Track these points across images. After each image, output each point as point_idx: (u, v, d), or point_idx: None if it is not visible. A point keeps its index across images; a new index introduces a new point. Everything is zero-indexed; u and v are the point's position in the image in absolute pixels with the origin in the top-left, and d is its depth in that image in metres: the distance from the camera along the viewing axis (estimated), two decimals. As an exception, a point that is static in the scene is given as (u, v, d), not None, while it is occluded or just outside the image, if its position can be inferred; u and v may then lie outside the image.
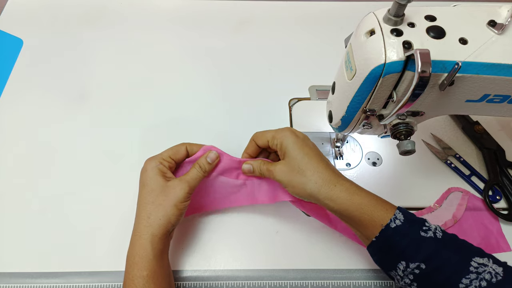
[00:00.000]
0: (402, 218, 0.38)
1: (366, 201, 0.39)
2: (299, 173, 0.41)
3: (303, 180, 0.41)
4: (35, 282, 0.46)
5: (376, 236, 0.38)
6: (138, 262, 0.39)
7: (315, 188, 0.40)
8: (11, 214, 0.51)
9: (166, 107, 0.62)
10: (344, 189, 0.40)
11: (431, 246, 0.36)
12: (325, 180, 0.40)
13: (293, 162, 0.42)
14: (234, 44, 0.70)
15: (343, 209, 0.40)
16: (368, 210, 0.39)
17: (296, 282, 0.47)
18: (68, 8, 0.74)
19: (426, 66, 0.32)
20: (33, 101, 0.62)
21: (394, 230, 0.38)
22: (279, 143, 0.43)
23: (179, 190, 0.42)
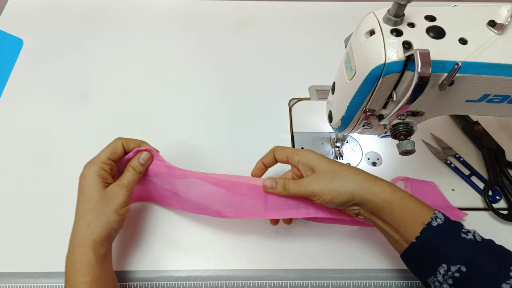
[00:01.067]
0: (442, 217, 0.38)
1: (408, 196, 0.39)
2: (334, 176, 0.40)
3: (341, 181, 0.40)
4: (35, 282, 0.46)
5: (417, 236, 0.37)
6: (80, 269, 0.39)
7: (356, 185, 0.39)
8: (11, 214, 0.51)
9: (166, 107, 0.62)
10: (386, 183, 0.40)
11: (472, 248, 0.36)
12: (365, 177, 0.40)
13: (325, 170, 0.41)
14: (234, 44, 0.70)
15: (388, 202, 0.38)
16: (411, 206, 0.38)
17: (296, 282, 0.47)
18: (68, 8, 0.74)
19: (426, 66, 0.33)
20: (33, 101, 0.62)
21: (436, 229, 0.37)
22: (302, 159, 0.43)
23: (118, 196, 0.42)
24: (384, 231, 0.41)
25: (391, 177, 0.55)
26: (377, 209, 0.39)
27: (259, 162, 0.47)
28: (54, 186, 0.53)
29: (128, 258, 0.48)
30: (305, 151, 0.43)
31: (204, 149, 0.57)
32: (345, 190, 0.39)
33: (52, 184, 0.54)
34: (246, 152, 0.57)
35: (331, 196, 0.40)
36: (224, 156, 0.57)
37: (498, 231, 0.51)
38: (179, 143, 0.57)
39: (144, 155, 0.44)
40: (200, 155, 0.57)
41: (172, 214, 0.51)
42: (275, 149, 0.46)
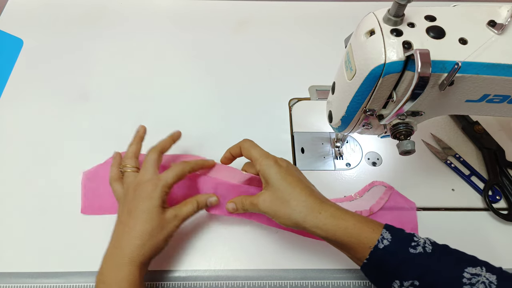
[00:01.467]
0: (389, 237, 0.38)
1: (351, 224, 0.39)
2: (283, 204, 0.41)
3: (288, 211, 0.40)
4: (35, 282, 0.46)
5: (366, 258, 0.38)
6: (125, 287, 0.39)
7: (300, 218, 0.40)
8: (11, 214, 0.51)
9: (166, 107, 0.62)
10: (329, 215, 0.40)
11: (422, 262, 0.36)
12: (310, 209, 0.40)
13: (277, 192, 0.41)
14: (234, 44, 0.70)
15: (331, 235, 0.39)
16: (355, 233, 0.39)
17: (296, 282, 0.47)
18: (68, 8, 0.74)
19: (426, 66, 0.33)
20: (33, 101, 0.62)
21: (383, 250, 0.37)
22: (261, 171, 0.43)
23: (172, 225, 0.43)
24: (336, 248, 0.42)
25: (391, 178, 0.55)
26: (322, 238, 0.40)
27: (227, 152, 0.48)
28: (54, 186, 0.53)
29: (128, 258, 0.48)
30: (267, 161, 0.43)
31: (204, 149, 0.57)
32: (290, 221, 0.41)
33: (52, 184, 0.54)
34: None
35: (278, 220, 0.42)
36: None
37: (498, 231, 0.51)
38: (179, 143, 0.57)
39: (213, 199, 0.46)
40: (199, 155, 0.57)
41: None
42: (242, 145, 0.46)
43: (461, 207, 0.53)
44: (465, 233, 0.51)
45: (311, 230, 0.40)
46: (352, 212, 0.41)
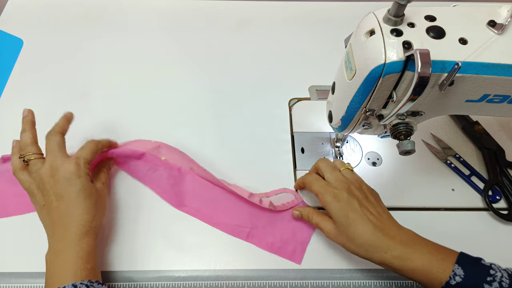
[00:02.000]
0: (462, 273, 0.36)
1: (420, 264, 0.38)
2: (348, 240, 0.42)
3: (354, 247, 0.41)
4: (35, 282, 0.46)
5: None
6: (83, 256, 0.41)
7: (366, 255, 0.41)
8: (11, 214, 0.51)
9: (166, 107, 0.62)
10: (396, 255, 0.39)
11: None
12: (375, 248, 0.40)
13: (341, 228, 0.42)
14: (234, 44, 0.70)
15: (398, 272, 0.39)
16: (424, 274, 0.38)
17: (296, 282, 0.47)
18: (68, 8, 0.74)
19: (426, 66, 0.33)
20: (33, 101, 0.62)
21: (455, 287, 0.36)
22: (324, 206, 0.44)
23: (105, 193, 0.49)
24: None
25: (391, 178, 0.55)
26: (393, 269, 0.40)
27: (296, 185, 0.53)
28: (54, 186, 0.53)
29: (128, 258, 0.48)
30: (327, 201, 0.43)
31: (204, 148, 0.57)
32: (358, 255, 0.42)
33: (52, 184, 0.54)
34: (246, 152, 0.57)
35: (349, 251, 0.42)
36: (224, 155, 0.57)
37: (498, 231, 0.51)
38: (179, 142, 0.57)
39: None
40: (200, 155, 0.56)
41: (172, 215, 0.51)
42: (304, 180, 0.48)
43: (461, 207, 0.53)
44: (465, 233, 0.51)
45: (382, 266, 0.41)
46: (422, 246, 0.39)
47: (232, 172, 0.55)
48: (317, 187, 0.45)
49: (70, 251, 0.41)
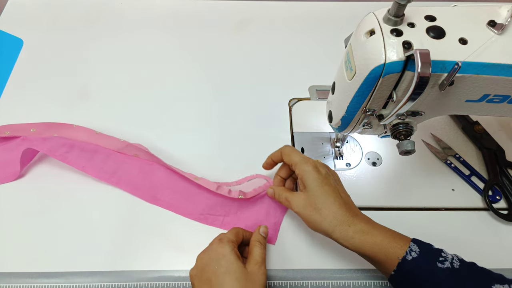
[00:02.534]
0: (417, 249, 0.38)
1: (379, 239, 0.40)
2: (315, 211, 0.42)
3: (319, 218, 0.42)
4: (35, 282, 0.46)
5: (394, 270, 0.38)
6: None
7: (329, 228, 0.41)
8: (11, 214, 0.51)
9: (166, 107, 0.62)
10: (358, 229, 0.41)
11: (449, 277, 0.36)
12: (340, 221, 0.41)
13: (311, 198, 0.43)
14: (234, 44, 0.70)
15: (358, 248, 0.40)
16: (383, 248, 0.39)
17: (296, 282, 0.47)
18: (68, 8, 0.74)
19: (426, 66, 0.33)
20: (33, 101, 0.62)
21: (410, 262, 0.37)
22: (300, 175, 0.44)
23: (261, 275, 0.41)
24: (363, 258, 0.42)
25: (391, 178, 0.55)
26: (352, 248, 0.41)
27: (269, 158, 0.50)
28: (54, 185, 0.53)
29: (128, 258, 0.48)
30: (307, 166, 0.44)
31: (204, 148, 0.57)
32: (319, 228, 0.42)
33: (52, 183, 0.54)
34: (246, 151, 0.57)
35: (309, 225, 0.43)
36: (223, 155, 0.57)
37: (498, 231, 0.51)
38: (179, 142, 0.57)
39: (263, 228, 0.47)
40: (200, 155, 0.57)
41: (172, 214, 0.51)
42: (283, 150, 0.48)
43: (461, 207, 0.53)
44: (465, 233, 0.51)
45: (339, 241, 0.41)
46: (382, 227, 0.41)
47: (232, 172, 0.55)
48: (298, 157, 0.45)
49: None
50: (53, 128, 0.56)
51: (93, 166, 0.52)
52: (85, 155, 0.53)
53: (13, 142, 0.55)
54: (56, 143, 0.52)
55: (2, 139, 0.55)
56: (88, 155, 0.53)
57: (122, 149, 0.54)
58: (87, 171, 0.52)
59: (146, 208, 0.52)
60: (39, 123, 0.57)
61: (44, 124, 0.57)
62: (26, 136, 0.54)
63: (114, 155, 0.53)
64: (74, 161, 0.52)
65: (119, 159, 0.53)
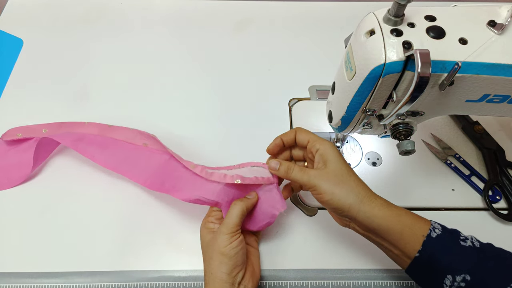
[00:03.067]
0: (440, 227, 0.38)
1: (404, 212, 0.39)
2: (342, 183, 0.40)
3: (346, 190, 0.40)
4: (35, 282, 0.46)
5: (419, 250, 0.37)
6: None
7: (357, 200, 0.39)
8: (11, 214, 0.51)
9: (166, 107, 0.62)
10: (383, 202, 0.40)
11: (473, 256, 0.36)
12: (365, 195, 0.40)
13: (335, 171, 0.41)
14: (234, 44, 0.70)
15: (384, 221, 0.39)
16: (408, 222, 0.38)
17: (296, 282, 0.47)
18: (68, 8, 0.74)
19: (426, 66, 0.33)
20: (33, 101, 0.62)
21: (435, 240, 0.37)
22: (321, 150, 0.42)
23: (218, 235, 0.42)
24: (382, 246, 0.41)
25: (391, 178, 0.55)
26: (373, 227, 0.39)
27: (278, 138, 0.47)
28: (55, 185, 0.53)
29: (128, 258, 0.48)
30: (327, 143, 0.42)
31: (203, 148, 0.57)
32: (345, 200, 0.39)
33: (53, 183, 0.54)
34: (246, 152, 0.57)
35: (330, 198, 0.40)
36: (223, 155, 0.57)
37: (498, 231, 0.51)
38: (179, 142, 0.57)
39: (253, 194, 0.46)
40: (199, 155, 0.57)
41: (173, 215, 0.51)
42: (298, 129, 0.46)
43: (461, 207, 0.53)
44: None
45: (365, 215, 0.39)
46: (400, 207, 0.40)
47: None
48: (315, 135, 0.44)
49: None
50: (64, 126, 0.57)
51: (102, 156, 0.52)
52: (95, 146, 0.52)
53: (26, 144, 0.54)
54: (68, 137, 0.52)
55: (15, 142, 0.55)
56: (98, 147, 0.52)
57: (132, 139, 0.53)
58: (96, 160, 0.51)
59: (146, 208, 0.52)
60: (51, 123, 0.57)
61: (56, 124, 0.57)
62: (39, 138, 0.54)
63: (123, 146, 0.52)
64: (84, 149, 0.52)
65: (128, 149, 0.52)
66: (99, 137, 0.53)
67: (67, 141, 0.52)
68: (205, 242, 0.44)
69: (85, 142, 0.52)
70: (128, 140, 0.53)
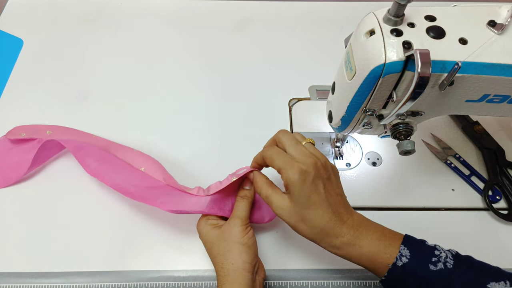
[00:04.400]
0: (408, 254, 0.37)
1: (367, 250, 0.38)
2: (301, 221, 0.39)
3: (304, 229, 0.39)
4: (35, 282, 0.46)
5: (385, 276, 0.38)
6: None
7: (317, 238, 0.40)
8: (11, 214, 0.51)
9: (166, 107, 0.62)
10: (345, 241, 0.39)
11: (442, 280, 0.36)
12: (326, 233, 0.39)
13: (297, 208, 0.39)
14: (234, 44, 0.70)
15: (346, 257, 0.40)
16: (370, 258, 0.38)
17: (296, 282, 0.47)
18: (68, 8, 0.74)
19: (426, 66, 0.33)
20: (33, 101, 0.62)
21: (401, 268, 0.37)
22: (285, 183, 0.40)
23: (233, 227, 0.43)
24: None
25: (391, 178, 0.55)
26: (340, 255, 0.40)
27: (253, 162, 0.46)
28: (55, 185, 0.53)
29: (128, 258, 0.48)
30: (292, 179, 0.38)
31: (203, 148, 0.57)
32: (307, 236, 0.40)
33: (53, 183, 0.54)
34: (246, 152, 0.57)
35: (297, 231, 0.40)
36: (223, 155, 0.57)
37: (498, 231, 0.51)
38: (179, 142, 0.57)
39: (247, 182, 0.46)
40: (199, 155, 0.57)
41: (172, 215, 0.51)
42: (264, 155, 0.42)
43: (461, 207, 0.53)
44: (465, 233, 0.51)
45: (327, 249, 0.41)
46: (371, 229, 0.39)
47: (231, 172, 0.55)
48: (281, 162, 0.40)
49: None
50: (70, 132, 0.56)
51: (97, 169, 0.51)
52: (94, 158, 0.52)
53: (29, 144, 0.54)
54: (72, 142, 0.53)
55: (18, 141, 0.55)
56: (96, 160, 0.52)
57: (131, 159, 0.53)
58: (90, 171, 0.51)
59: (146, 208, 0.52)
60: (56, 126, 0.57)
61: (62, 128, 0.57)
62: (42, 139, 0.54)
63: (122, 165, 0.52)
64: (82, 158, 0.51)
65: (125, 169, 0.51)
66: (101, 151, 0.53)
67: (70, 146, 0.52)
68: (213, 236, 0.44)
69: (85, 151, 0.52)
70: (127, 161, 0.53)
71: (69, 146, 0.52)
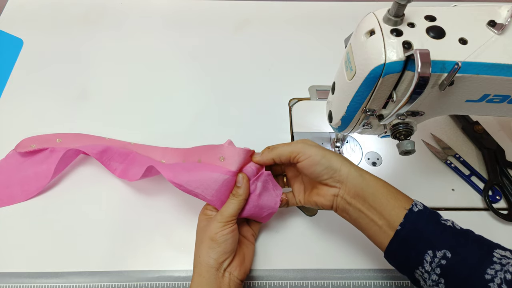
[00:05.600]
0: (421, 205, 0.39)
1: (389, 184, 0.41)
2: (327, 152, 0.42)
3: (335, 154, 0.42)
4: (35, 282, 0.46)
5: (401, 223, 0.37)
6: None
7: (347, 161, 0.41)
8: (11, 214, 0.51)
9: (166, 107, 0.62)
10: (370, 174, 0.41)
11: (454, 234, 0.37)
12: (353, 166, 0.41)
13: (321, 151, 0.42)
14: (234, 44, 0.70)
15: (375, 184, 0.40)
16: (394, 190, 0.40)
17: (296, 282, 0.47)
18: (68, 8, 0.74)
19: (426, 66, 0.33)
20: (33, 101, 0.62)
21: (417, 214, 0.38)
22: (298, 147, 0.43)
23: (212, 221, 0.43)
24: (366, 217, 0.40)
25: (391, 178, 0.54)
26: (362, 189, 0.40)
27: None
28: (54, 186, 0.53)
29: (128, 258, 0.48)
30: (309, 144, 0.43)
31: (204, 149, 0.57)
32: (336, 159, 0.41)
33: (52, 184, 0.54)
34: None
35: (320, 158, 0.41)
36: (224, 156, 0.57)
37: (498, 231, 0.51)
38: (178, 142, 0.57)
39: (239, 177, 0.45)
40: (200, 155, 0.57)
41: (172, 214, 0.51)
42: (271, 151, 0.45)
43: (461, 207, 0.53)
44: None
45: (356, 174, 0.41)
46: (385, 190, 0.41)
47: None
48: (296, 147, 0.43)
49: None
50: (81, 138, 0.56)
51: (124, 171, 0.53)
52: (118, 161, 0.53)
53: (42, 154, 0.54)
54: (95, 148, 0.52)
55: (29, 153, 0.54)
56: (119, 160, 0.54)
57: (152, 154, 0.54)
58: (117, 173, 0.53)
59: (146, 208, 0.52)
60: (65, 133, 0.56)
61: (71, 135, 0.56)
62: (54, 148, 0.53)
63: (143, 159, 0.53)
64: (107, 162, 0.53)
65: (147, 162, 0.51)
66: (123, 151, 0.53)
67: (93, 153, 0.52)
68: (200, 227, 0.46)
69: (108, 155, 0.52)
70: (148, 155, 0.54)
71: (92, 153, 0.52)
